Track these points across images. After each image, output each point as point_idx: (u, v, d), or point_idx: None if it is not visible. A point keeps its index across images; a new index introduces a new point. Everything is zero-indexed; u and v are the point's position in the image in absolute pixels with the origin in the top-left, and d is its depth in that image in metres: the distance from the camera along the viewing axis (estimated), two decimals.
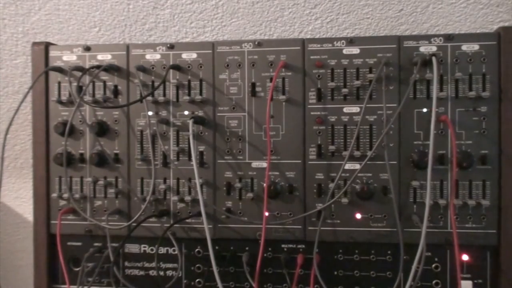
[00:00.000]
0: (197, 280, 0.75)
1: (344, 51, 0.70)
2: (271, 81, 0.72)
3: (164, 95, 0.74)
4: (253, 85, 0.72)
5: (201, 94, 0.74)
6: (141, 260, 0.77)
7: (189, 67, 0.74)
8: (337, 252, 0.72)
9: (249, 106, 0.73)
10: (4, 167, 0.93)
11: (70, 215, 0.77)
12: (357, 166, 0.70)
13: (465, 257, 0.69)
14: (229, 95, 0.73)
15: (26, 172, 0.93)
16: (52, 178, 0.77)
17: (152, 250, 0.77)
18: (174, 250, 0.76)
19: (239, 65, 0.73)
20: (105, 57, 0.76)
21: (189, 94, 0.74)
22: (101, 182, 0.76)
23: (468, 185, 0.68)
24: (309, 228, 0.72)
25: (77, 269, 0.77)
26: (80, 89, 0.75)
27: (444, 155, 0.69)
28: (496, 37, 0.68)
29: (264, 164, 0.72)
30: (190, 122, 0.70)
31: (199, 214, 0.71)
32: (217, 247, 0.74)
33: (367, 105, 0.69)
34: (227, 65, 0.73)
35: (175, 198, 0.74)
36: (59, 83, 0.77)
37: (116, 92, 0.76)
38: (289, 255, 0.73)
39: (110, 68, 0.75)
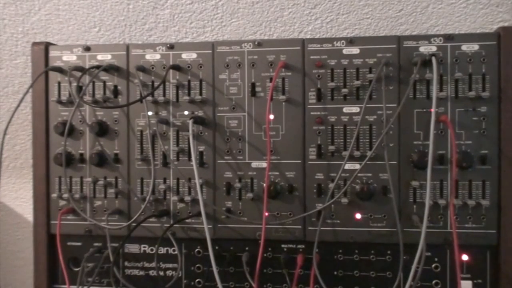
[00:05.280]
0: (197, 280, 0.75)
1: (344, 51, 0.70)
2: (271, 81, 0.72)
3: (164, 95, 0.74)
4: (253, 85, 0.72)
5: (201, 94, 0.74)
6: (141, 260, 0.77)
7: (189, 67, 0.74)
8: (337, 252, 0.72)
9: (249, 106, 0.73)
10: (4, 167, 0.93)
11: (70, 215, 0.77)
12: (357, 166, 0.70)
13: (465, 257, 0.69)
14: (229, 95, 0.73)
15: (26, 172, 0.93)
16: (52, 178, 0.77)
17: (152, 250, 0.77)
18: (174, 250, 0.76)
19: (239, 65, 0.73)
20: (105, 57, 0.76)
21: (189, 94, 0.74)
22: (101, 182, 0.76)
23: (468, 185, 0.68)
24: (309, 228, 0.72)
25: (77, 269, 0.77)
26: (80, 89, 0.75)
27: (444, 155, 0.69)
28: (496, 37, 0.68)
29: (264, 164, 0.72)
30: (190, 122, 0.70)
31: (199, 214, 0.71)
32: (217, 247, 0.74)
33: (367, 105, 0.69)
34: (227, 65, 0.73)
35: (175, 198, 0.74)
36: (59, 83, 0.77)
37: (116, 92, 0.76)
38: (289, 255, 0.73)
39: (110, 68, 0.75)
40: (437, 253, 0.70)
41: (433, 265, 0.70)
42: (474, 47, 0.68)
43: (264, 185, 0.71)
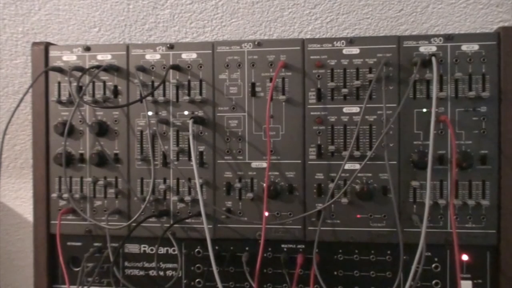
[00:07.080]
0: (197, 280, 0.75)
1: (344, 51, 0.70)
2: (271, 81, 0.72)
3: (164, 95, 0.74)
4: (253, 85, 0.72)
5: (201, 94, 0.74)
6: (141, 260, 0.77)
7: (189, 67, 0.74)
8: (337, 252, 0.72)
9: (249, 106, 0.73)
10: (4, 167, 0.93)
11: (70, 215, 0.77)
12: (357, 166, 0.70)
13: (465, 257, 0.69)
14: (229, 95, 0.73)
15: (26, 172, 0.93)
16: (52, 178, 0.77)
17: (152, 250, 0.77)
18: (174, 250, 0.76)
19: (239, 65, 0.73)
20: (105, 57, 0.76)
21: (189, 94, 0.74)
22: (101, 182, 0.76)
23: (468, 185, 0.68)
24: (309, 228, 0.72)
25: (77, 269, 0.77)
26: (80, 89, 0.75)
27: (444, 155, 0.69)
28: (496, 37, 0.68)
29: (264, 164, 0.72)
30: (190, 122, 0.70)
31: (199, 214, 0.71)
32: (217, 247, 0.74)
33: (367, 105, 0.69)
34: (227, 65, 0.73)
35: (175, 198, 0.74)
36: (59, 83, 0.77)
37: (116, 92, 0.76)
38: (289, 255, 0.73)
39: (110, 68, 0.75)
40: (437, 253, 0.70)
41: (433, 265, 0.70)
42: (474, 47, 0.68)
43: (264, 185, 0.71)
